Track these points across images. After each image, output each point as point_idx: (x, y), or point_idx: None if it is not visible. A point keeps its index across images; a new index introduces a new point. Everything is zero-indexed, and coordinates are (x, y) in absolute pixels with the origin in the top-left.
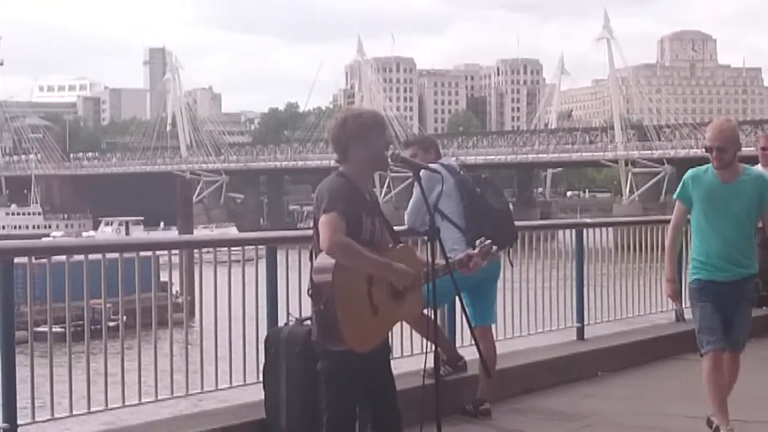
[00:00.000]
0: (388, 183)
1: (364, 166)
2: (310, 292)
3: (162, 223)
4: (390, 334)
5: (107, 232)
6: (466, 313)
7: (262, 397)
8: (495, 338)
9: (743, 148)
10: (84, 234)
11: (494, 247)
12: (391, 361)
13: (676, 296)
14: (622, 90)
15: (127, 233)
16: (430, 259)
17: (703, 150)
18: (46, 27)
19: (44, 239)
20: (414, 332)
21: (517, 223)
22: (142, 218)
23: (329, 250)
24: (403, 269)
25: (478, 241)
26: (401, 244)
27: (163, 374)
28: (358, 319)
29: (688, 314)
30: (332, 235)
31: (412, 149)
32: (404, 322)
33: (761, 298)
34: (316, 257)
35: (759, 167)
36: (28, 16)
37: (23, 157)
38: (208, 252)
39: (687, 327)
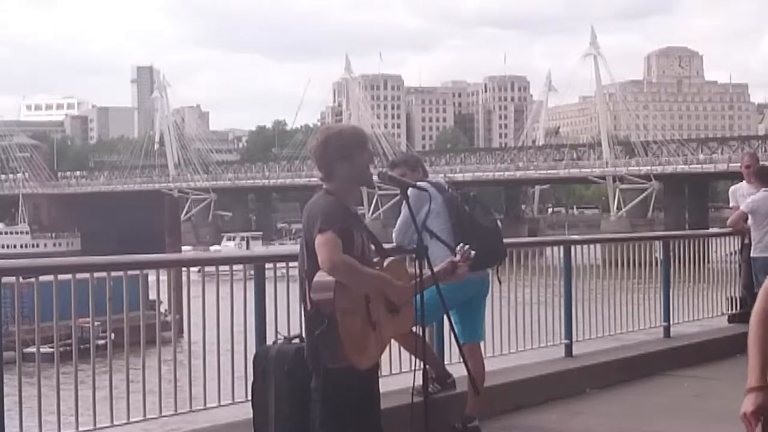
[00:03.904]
0: (376, 201)
1: (350, 183)
2: (310, 310)
3: None
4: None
5: (230, 246)
6: (454, 331)
7: (251, 415)
8: (483, 355)
9: (729, 165)
10: (212, 248)
11: (472, 252)
12: (379, 379)
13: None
14: (609, 106)
15: (248, 247)
16: (418, 279)
17: None
18: (34, 46)
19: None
20: (402, 349)
21: (505, 240)
22: (261, 233)
23: (331, 270)
24: (401, 286)
25: (458, 248)
26: (391, 258)
27: (152, 393)
28: (359, 335)
29: None
30: (333, 254)
31: (400, 169)
32: (392, 340)
33: (748, 314)
34: (307, 276)
35: (744, 184)
36: (14, 34)
37: (11, 176)
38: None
39: (676, 343)
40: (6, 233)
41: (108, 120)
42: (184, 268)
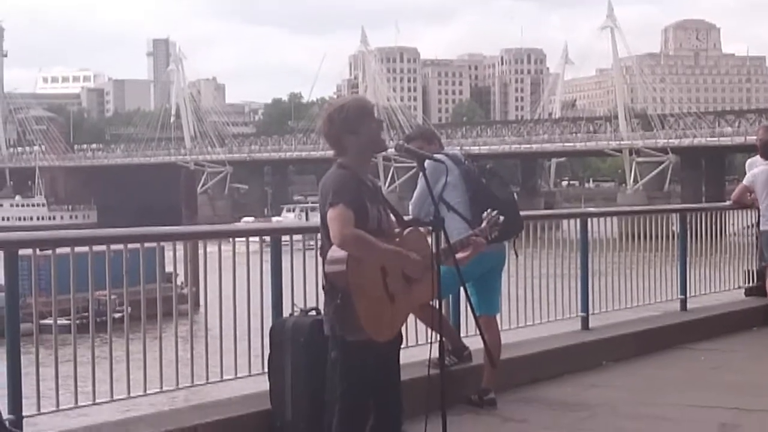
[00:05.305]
0: (393, 173)
1: (362, 154)
2: (324, 286)
3: None
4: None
5: (289, 217)
6: (470, 303)
7: (268, 387)
8: (500, 328)
9: (747, 138)
10: (274, 219)
11: (501, 217)
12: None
13: None
14: (626, 79)
15: (307, 218)
16: (435, 250)
17: None
18: (50, 18)
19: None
20: (419, 322)
21: (522, 212)
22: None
23: (341, 244)
24: (415, 258)
25: (485, 213)
26: (410, 228)
27: (168, 365)
28: (376, 308)
29: None
30: (343, 228)
31: (416, 142)
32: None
33: (765, 288)
34: (323, 251)
35: (758, 158)
36: (31, 7)
37: (27, 148)
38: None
39: (693, 316)
40: (22, 206)
41: (124, 93)
42: (242, 238)
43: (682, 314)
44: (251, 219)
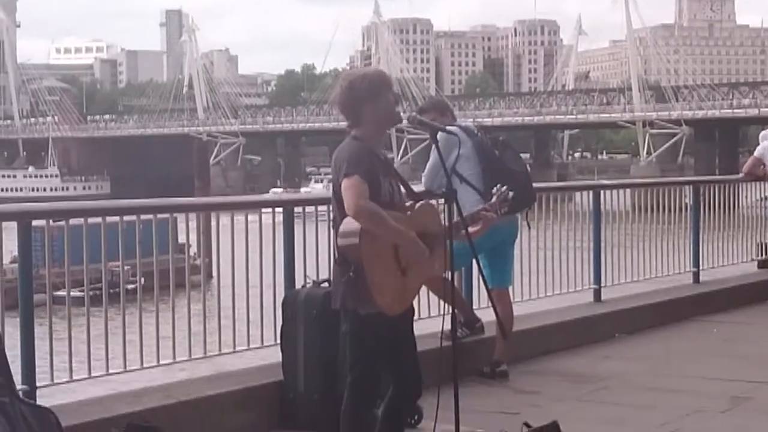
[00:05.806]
0: (405, 145)
1: (378, 125)
2: (338, 256)
3: None
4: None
5: (317, 188)
6: (482, 276)
7: (280, 359)
8: (512, 300)
9: (761, 110)
10: (302, 190)
11: (510, 193)
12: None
13: None
14: (639, 51)
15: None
16: (447, 222)
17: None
18: None
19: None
20: (431, 294)
21: (534, 184)
22: None
23: (356, 214)
24: (418, 246)
25: (494, 189)
26: (422, 202)
27: (181, 336)
28: (387, 281)
29: None
30: (358, 199)
31: (429, 114)
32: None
33: None
34: (335, 223)
35: None
36: None
37: (40, 119)
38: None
39: (705, 288)
40: (36, 176)
41: (137, 64)
42: (267, 209)
43: (694, 287)
44: (280, 190)
